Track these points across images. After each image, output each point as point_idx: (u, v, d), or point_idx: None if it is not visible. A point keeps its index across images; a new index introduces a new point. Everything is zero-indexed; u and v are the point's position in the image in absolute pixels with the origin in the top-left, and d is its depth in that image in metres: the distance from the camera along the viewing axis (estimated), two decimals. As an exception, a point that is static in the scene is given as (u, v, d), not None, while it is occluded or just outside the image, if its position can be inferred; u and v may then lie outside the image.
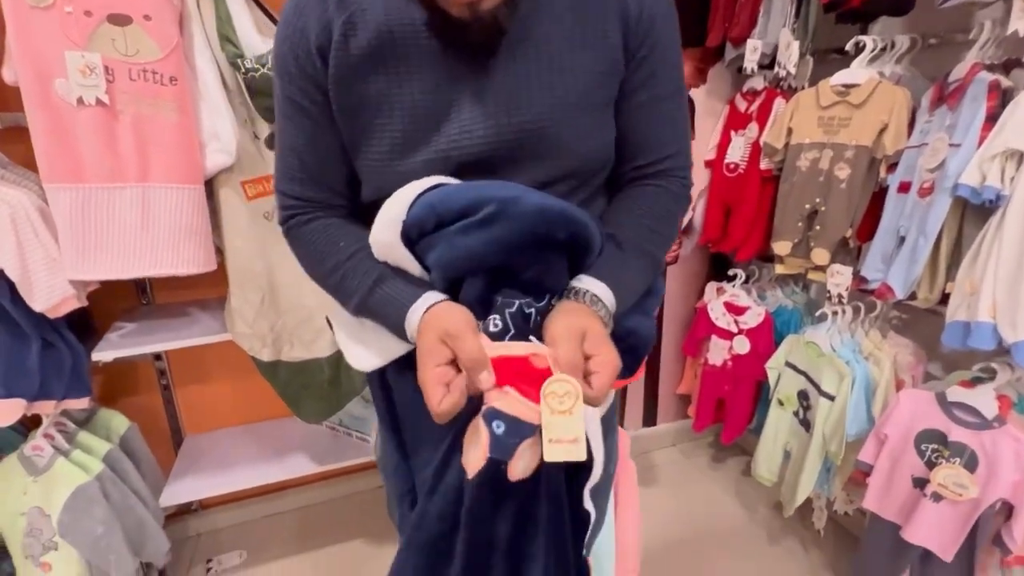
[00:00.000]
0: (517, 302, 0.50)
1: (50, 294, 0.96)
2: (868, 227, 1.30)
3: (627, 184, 0.63)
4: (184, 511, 1.60)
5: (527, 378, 0.46)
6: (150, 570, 1.29)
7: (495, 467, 0.48)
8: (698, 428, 1.78)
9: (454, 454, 0.52)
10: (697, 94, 1.70)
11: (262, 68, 1.00)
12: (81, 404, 1.12)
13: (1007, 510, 1.02)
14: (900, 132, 1.17)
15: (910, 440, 1.14)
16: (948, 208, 1.02)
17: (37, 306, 0.96)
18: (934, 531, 1.08)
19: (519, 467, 0.48)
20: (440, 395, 0.45)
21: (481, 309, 0.51)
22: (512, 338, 0.50)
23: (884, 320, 1.39)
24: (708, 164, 1.70)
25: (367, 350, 0.60)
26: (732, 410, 1.70)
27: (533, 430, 0.46)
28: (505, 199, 0.48)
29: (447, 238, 0.50)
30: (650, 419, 2.04)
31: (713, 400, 1.73)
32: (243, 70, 1.00)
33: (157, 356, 1.44)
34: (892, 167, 1.21)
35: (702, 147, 1.70)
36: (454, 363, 0.47)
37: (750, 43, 1.42)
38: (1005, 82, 0.98)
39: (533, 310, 0.51)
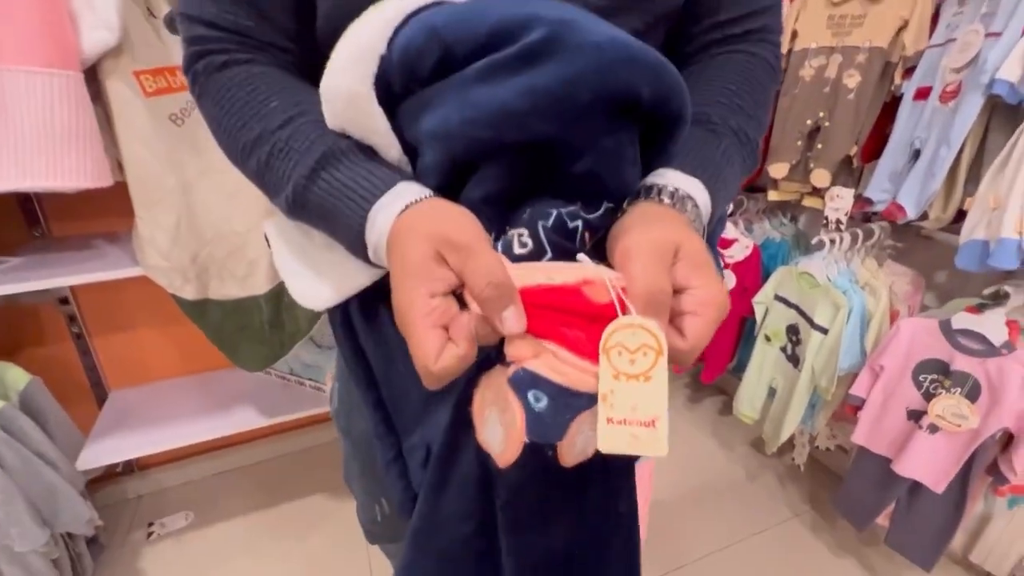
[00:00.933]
0: (556, 210, 0.32)
1: None
2: (872, 146, 1.19)
3: (703, 52, 0.45)
4: (118, 473, 1.43)
5: (578, 321, 0.29)
6: (75, 540, 1.13)
7: (539, 454, 0.31)
8: (678, 370, 1.71)
9: (464, 431, 0.35)
10: None
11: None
12: (-45, 354, 0.91)
13: (1006, 439, 0.98)
14: (922, 29, 1.03)
15: (908, 371, 1.07)
16: (979, 110, 0.90)
17: None
18: (927, 463, 1.03)
19: (575, 450, 0.32)
20: (437, 346, 0.28)
21: (497, 219, 0.33)
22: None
23: (880, 248, 1.30)
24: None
25: (317, 278, 0.40)
26: (713, 348, 1.62)
27: (592, 401, 0.30)
28: (559, 20, 0.28)
29: (459, 89, 0.30)
30: (627, 361, 1.96)
31: (694, 339, 1.65)
32: (119, -90, 0.75)
33: (63, 300, 1.23)
34: (909, 72, 1.08)
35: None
36: (454, 294, 0.30)
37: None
38: (1060, -45, 0.84)
39: (580, 222, 0.32)
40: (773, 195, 1.36)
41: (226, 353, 1.10)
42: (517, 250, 0.31)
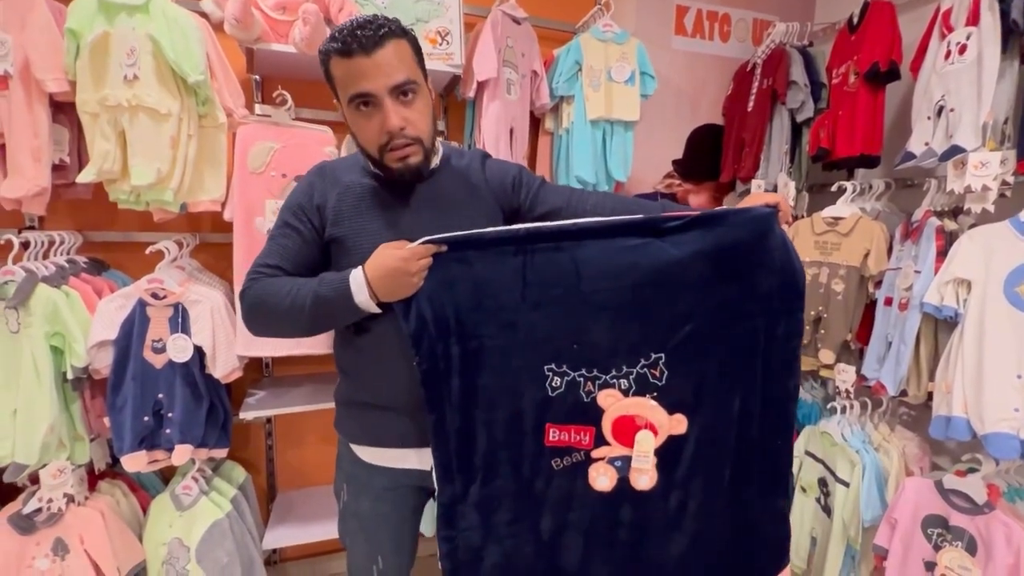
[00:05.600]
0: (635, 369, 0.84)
1: (226, 366, 1.32)
2: (865, 332, 1.53)
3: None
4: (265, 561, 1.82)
5: (633, 429, 0.82)
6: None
7: (624, 482, 0.84)
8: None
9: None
10: (715, 216, 2.05)
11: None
12: (222, 454, 1.42)
13: (1009, 593, 1.13)
14: (880, 257, 1.45)
15: (917, 525, 1.27)
16: (919, 321, 1.26)
17: (217, 373, 1.31)
18: (947, 613, 1.18)
19: (638, 483, 0.84)
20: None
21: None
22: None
23: (893, 415, 1.56)
24: (728, 273, 1.99)
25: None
26: (762, 497, 1.82)
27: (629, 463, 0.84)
28: None
29: None
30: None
31: (744, 487, 1.86)
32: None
33: (268, 420, 1.76)
34: (878, 284, 1.47)
35: (722, 259, 2.02)
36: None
37: (754, 183, 1.77)
38: (950, 225, 1.27)
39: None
40: (794, 366, 1.70)
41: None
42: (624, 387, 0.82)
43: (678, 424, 0.83)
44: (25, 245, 1.28)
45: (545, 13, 1.84)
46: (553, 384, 0.83)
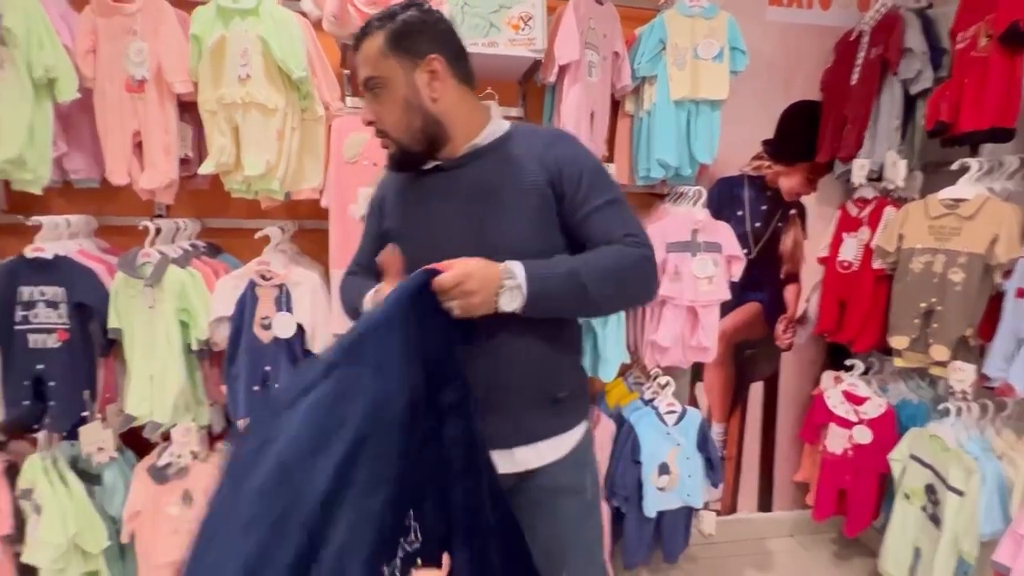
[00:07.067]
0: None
1: (324, 342, 1.42)
2: (990, 326, 1.38)
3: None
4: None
5: None
6: None
7: None
8: (818, 517, 1.79)
9: None
10: (808, 200, 1.91)
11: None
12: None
13: None
14: (1012, 243, 1.29)
15: (1050, 543, 1.14)
16: (1063, 315, 1.11)
17: (316, 349, 1.42)
18: (1086, 644, 1.05)
19: None
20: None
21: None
22: None
23: (1020, 420, 1.39)
24: (821, 261, 1.86)
25: None
26: (855, 502, 1.70)
27: None
28: None
29: None
30: (765, 504, 2.05)
31: (834, 489, 1.75)
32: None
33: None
34: (1007, 274, 1.31)
35: (815, 246, 1.89)
36: None
37: (857, 162, 1.63)
38: (1107, 207, 1.10)
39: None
40: (898, 362, 1.56)
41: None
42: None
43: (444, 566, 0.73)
44: (157, 231, 1.45)
45: (628, -9, 1.79)
46: None
